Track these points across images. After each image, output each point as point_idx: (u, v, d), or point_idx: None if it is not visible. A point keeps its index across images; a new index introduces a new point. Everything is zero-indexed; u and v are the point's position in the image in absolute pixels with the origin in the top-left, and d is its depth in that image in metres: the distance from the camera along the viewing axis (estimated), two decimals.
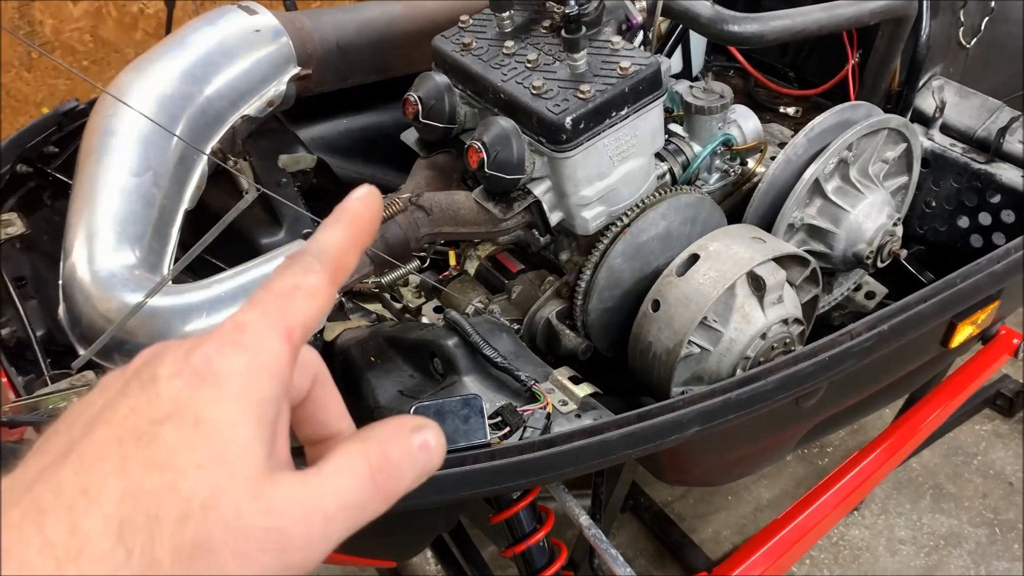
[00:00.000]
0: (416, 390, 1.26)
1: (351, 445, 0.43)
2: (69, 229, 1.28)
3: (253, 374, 0.40)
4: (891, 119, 1.47)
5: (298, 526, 0.39)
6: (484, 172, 1.27)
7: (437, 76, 1.40)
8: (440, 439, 0.45)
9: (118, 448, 0.37)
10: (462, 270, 1.52)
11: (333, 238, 0.46)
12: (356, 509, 0.41)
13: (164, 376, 0.39)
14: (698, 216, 1.40)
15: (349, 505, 0.41)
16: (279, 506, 0.38)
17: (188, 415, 0.38)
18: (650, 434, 1.05)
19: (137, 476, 0.36)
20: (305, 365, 0.48)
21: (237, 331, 0.41)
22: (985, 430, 2.63)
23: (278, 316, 0.42)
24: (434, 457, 0.44)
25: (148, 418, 0.38)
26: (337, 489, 0.41)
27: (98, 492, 0.36)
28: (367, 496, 0.42)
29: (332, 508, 0.40)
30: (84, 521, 0.36)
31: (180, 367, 0.39)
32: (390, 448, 0.43)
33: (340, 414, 0.50)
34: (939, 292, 1.27)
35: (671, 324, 1.26)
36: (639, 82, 1.27)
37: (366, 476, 0.42)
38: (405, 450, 0.43)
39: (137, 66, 1.42)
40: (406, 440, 0.43)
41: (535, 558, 1.26)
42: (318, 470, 0.41)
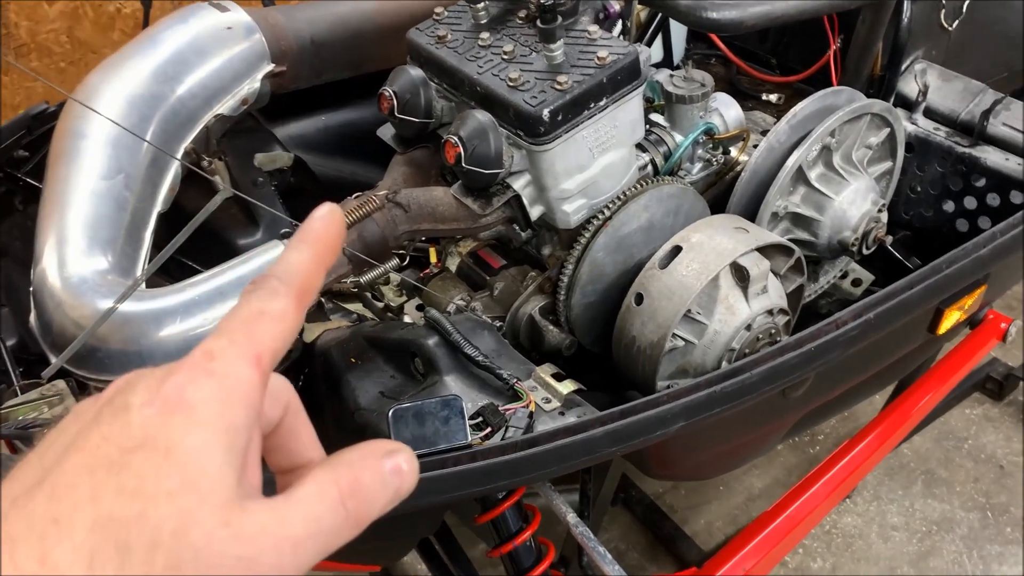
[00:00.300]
0: (397, 391, 1.24)
1: (321, 471, 0.43)
2: (39, 235, 1.25)
3: (223, 401, 0.40)
4: (874, 104, 1.45)
5: (268, 554, 0.39)
6: (462, 167, 1.25)
7: (412, 70, 1.38)
8: (413, 463, 0.45)
9: (89, 477, 0.38)
10: (443, 267, 1.50)
11: (297, 260, 0.46)
12: (327, 535, 0.41)
13: (136, 405, 0.40)
14: (681, 207, 1.38)
15: (319, 532, 0.41)
16: (249, 533, 0.39)
17: (159, 443, 0.38)
18: (634, 431, 1.03)
19: (108, 504, 0.37)
20: (277, 394, 0.48)
21: (206, 359, 0.41)
22: (975, 414, 2.63)
23: (246, 342, 0.42)
24: (407, 481, 0.44)
25: (119, 447, 0.38)
26: (307, 516, 0.41)
27: (69, 521, 0.36)
28: (338, 522, 0.42)
29: (302, 535, 0.40)
30: (55, 550, 0.36)
31: (152, 396, 0.40)
32: (361, 473, 0.43)
33: (311, 443, 0.50)
34: (925, 278, 1.25)
35: (655, 317, 1.24)
36: (617, 72, 1.25)
37: (336, 502, 0.42)
38: (376, 475, 0.43)
39: (107, 66, 1.39)
40: (377, 464, 0.44)
41: (522, 558, 1.25)
42: (288, 497, 0.41)
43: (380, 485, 0.43)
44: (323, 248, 0.47)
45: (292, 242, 0.47)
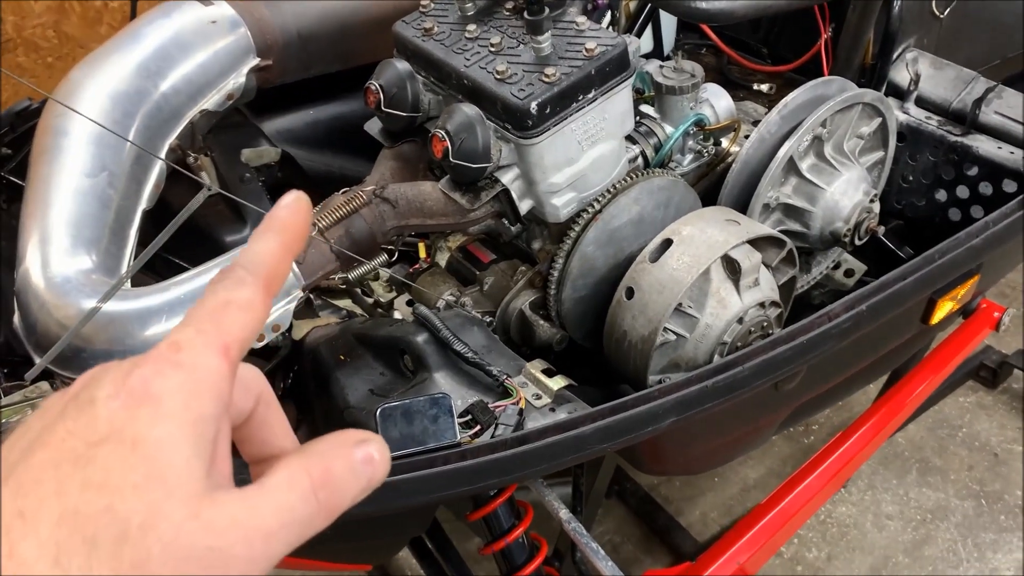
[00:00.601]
0: (387, 388, 1.23)
1: (293, 461, 0.43)
2: (22, 234, 1.23)
3: (191, 392, 0.40)
4: (865, 93, 1.44)
5: (238, 545, 0.39)
6: (449, 161, 1.24)
7: (399, 63, 1.36)
8: (384, 452, 0.45)
9: (55, 471, 0.37)
10: (433, 262, 1.49)
11: (264, 248, 0.46)
12: (298, 525, 0.41)
13: (102, 398, 0.39)
14: (671, 199, 1.37)
15: (291, 522, 0.41)
16: (218, 525, 0.39)
17: (126, 436, 0.38)
18: (626, 426, 1.02)
19: (74, 498, 0.36)
20: (248, 384, 0.48)
21: (173, 350, 0.41)
22: (969, 402, 2.63)
23: (213, 333, 0.42)
24: (378, 470, 0.44)
25: (85, 440, 0.38)
26: (278, 506, 0.41)
27: (35, 515, 0.36)
28: (309, 512, 0.42)
29: (273, 525, 0.40)
30: (20, 544, 0.36)
31: (117, 389, 0.39)
32: (332, 463, 0.43)
33: (284, 433, 0.50)
34: (917, 269, 1.24)
35: (645, 311, 1.23)
36: (606, 63, 1.24)
37: (308, 492, 0.42)
38: (348, 464, 0.43)
39: (89, 62, 1.37)
40: (348, 454, 0.44)
41: (515, 555, 1.24)
42: (259, 487, 0.41)
43: (351, 475, 0.43)
44: (290, 236, 0.47)
45: (258, 231, 0.47)
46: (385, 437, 0.97)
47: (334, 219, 1.23)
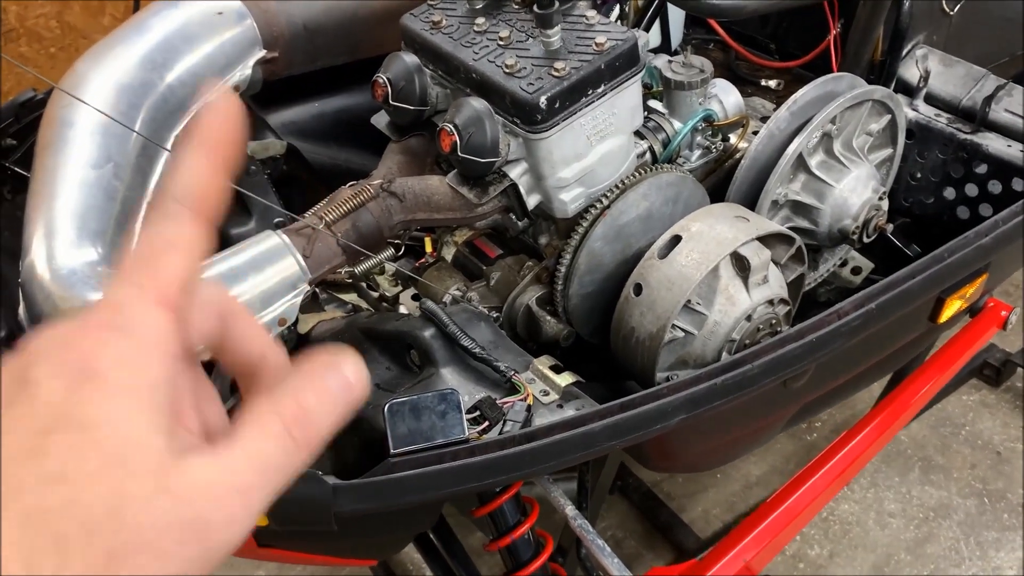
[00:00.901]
0: (393, 383, 1.22)
1: (260, 404, 0.41)
2: (28, 225, 1.23)
3: (136, 360, 0.38)
4: (875, 90, 1.43)
5: (214, 509, 0.37)
6: (457, 156, 1.23)
7: (406, 56, 1.35)
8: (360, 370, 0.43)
9: (12, 467, 0.35)
10: (439, 257, 1.48)
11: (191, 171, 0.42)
12: (276, 471, 0.39)
13: (44, 378, 0.37)
14: (680, 195, 1.36)
15: (267, 469, 0.39)
16: (189, 493, 0.37)
17: (74, 421, 0.36)
18: (634, 424, 1.02)
19: (35, 495, 0.34)
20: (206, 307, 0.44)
21: (112, 313, 0.39)
22: (972, 400, 2.62)
23: (151, 284, 0.40)
24: (355, 391, 0.42)
25: (33, 430, 0.36)
26: (251, 456, 0.39)
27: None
28: (287, 455, 0.40)
29: (249, 478, 0.38)
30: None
31: (58, 367, 0.37)
32: (304, 396, 0.41)
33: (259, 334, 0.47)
34: (926, 268, 1.24)
35: (654, 308, 1.23)
36: (616, 58, 1.23)
37: (281, 434, 0.40)
38: (322, 394, 0.41)
39: (94, 53, 1.36)
40: (321, 383, 0.41)
41: (520, 551, 1.24)
42: (229, 440, 0.39)
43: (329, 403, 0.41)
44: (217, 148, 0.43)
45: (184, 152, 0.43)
46: (393, 433, 0.97)
47: (341, 212, 1.22)
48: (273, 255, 1.16)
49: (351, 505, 0.94)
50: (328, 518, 0.93)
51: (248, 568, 2.22)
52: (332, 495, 0.93)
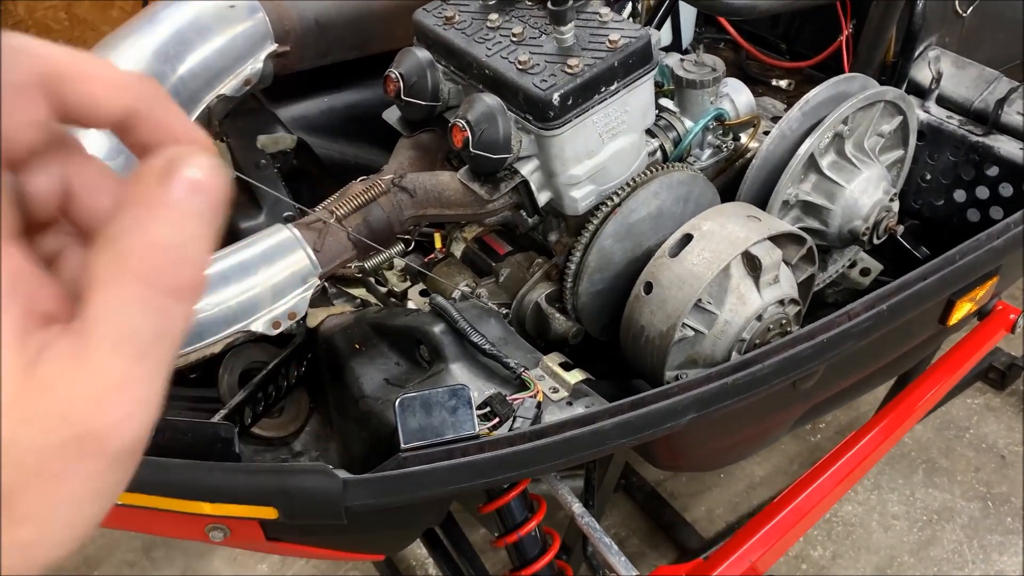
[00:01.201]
0: (402, 378, 1.22)
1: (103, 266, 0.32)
2: None
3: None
4: (887, 91, 1.43)
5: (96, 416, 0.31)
6: (469, 152, 1.23)
7: (419, 52, 1.35)
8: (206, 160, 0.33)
9: None
10: (448, 253, 1.48)
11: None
12: (153, 341, 0.32)
13: None
14: (691, 194, 1.36)
15: (141, 344, 0.32)
16: (59, 407, 0.31)
17: None
18: (645, 422, 1.02)
19: None
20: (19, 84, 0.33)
21: None
22: (977, 403, 2.62)
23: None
24: (212, 191, 0.33)
25: None
26: (116, 338, 0.31)
27: None
28: (160, 314, 0.32)
29: (123, 368, 0.32)
30: None
31: None
32: (153, 232, 0.32)
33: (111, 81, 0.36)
34: (938, 270, 1.24)
35: (664, 307, 1.23)
36: (629, 56, 1.23)
37: (141, 294, 0.32)
38: (172, 215, 0.32)
39: (107, 44, 1.36)
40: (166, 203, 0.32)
41: (527, 548, 1.24)
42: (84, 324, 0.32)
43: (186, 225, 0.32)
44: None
45: None
46: (404, 428, 0.97)
47: (352, 207, 1.22)
48: (284, 248, 1.16)
49: (361, 499, 0.94)
50: (338, 512, 0.93)
51: (251, 562, 2.23)
52: (343, 489, 0.93)
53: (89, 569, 2.24)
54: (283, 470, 0.94)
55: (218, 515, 0.97)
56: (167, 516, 0.97)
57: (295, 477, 0.94)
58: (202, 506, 0.94)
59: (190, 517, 0.97)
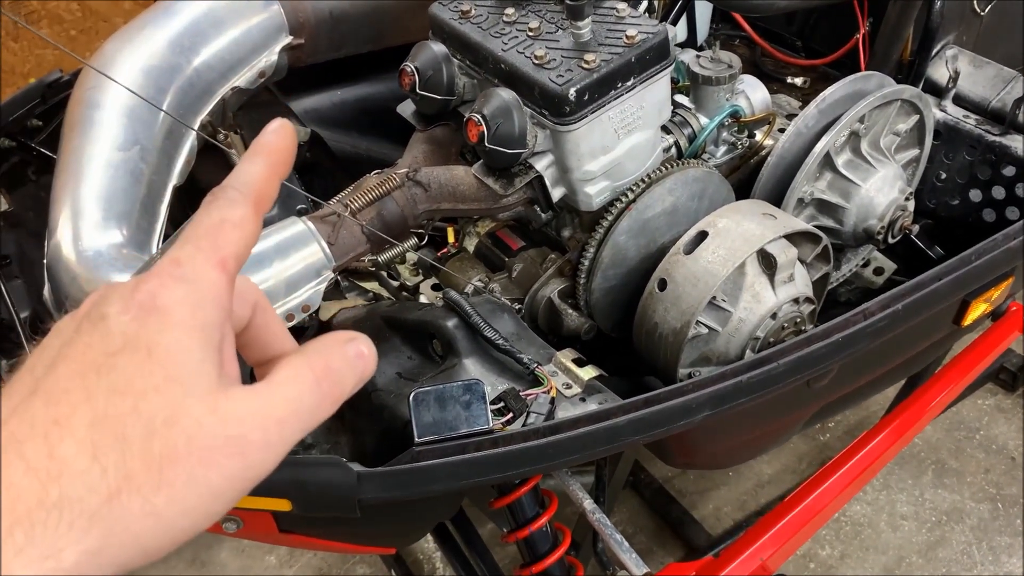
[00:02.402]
0: (415, 372, 1.22)
1: (296, 358, 0.47)
2: (54, 206, 1.23)
3: (195, 302, 0.44)
4: (904, 90, 1.42)
5: (255, 431, 0.43)
6: (484, 146, 1.22)
7: (434, 45, 1.35)
8: (371, 348, 0.50)
9: (80, 381, 0.41)
10: (461, 247, 1.48)
11: (253, 170, 0.50)
12: (306, 412, 0.46)
13: (113, 313, 0.42)
14: (706, 191, 1.36)
15: (299, 409, 0.45)
16: (235, 416, 0.42)
17: (140, 344, 0.41)
18: (659, 419, 1.01)
19: (102, 403, 0.40)
20: (243, 295, 0.51)
21: (175, 266, 0.44)
22: (987, 405, 2.61)
23: (211, 249, 0.45)
24: (369, 364, 0.49)
25: (103, 351, 0.41)
26: (287, 396, 0.45)
27: (68, 421, 0.39)
28: (316, 401, 0.46)
29: (284, 413, 0.44)
30: (60, 446, 0.39)
31: (127, 304, 0.43)
32: (330, 358, 0.48)
33: (282, 335, 0.54)
34: (954, 270, 1.23)
35: (678, 304, 1.22)
36: (646, 51, 1.22)
37: (312, 383, 0.46)
38: (343, 358, 0.48)
39: (123, 35, 1.36)
40: (343, 350, 0.48)
41: (538, 544, 1.23)
42: (268, 382, 0.45)
43: (348, 367, 0.48)
44: (277, 159, 0.50)
45: (246, 156, 0.50)
46: (418, 422, 0.97)
47: (366, 201, 1.22)
48: (298, 241, 1.16)
49: (375, 493, 0.94)
50: (352, 505, 0.93)
51: (258, 553, 2.23)
52: (356, 482, 0.93)
53: None
54: (297, 463, 0.94)
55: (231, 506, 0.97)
56: None
57: (309, 469, 0.94)
58: None
59: None
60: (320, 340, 0.49)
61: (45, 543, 0.37)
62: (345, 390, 0.48)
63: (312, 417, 0.46)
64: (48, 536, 0.37)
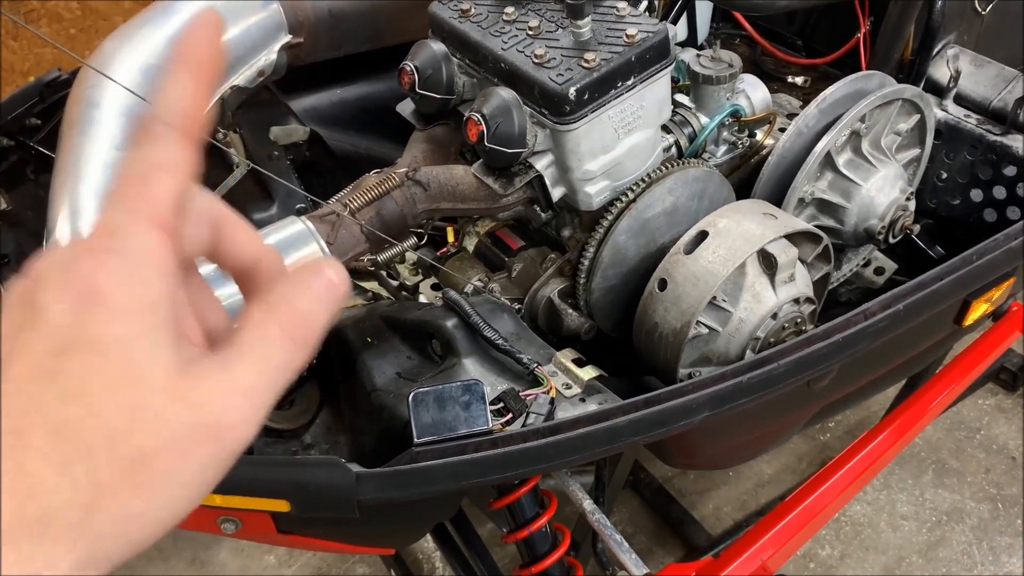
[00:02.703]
0: (415, 372, 1.22)
1: (257, 312, 0.43)
2: (52, 205, 1.22)
3: (136, 279, 0.40)
4: (906, 89, 1.42)
5: (225, 412, 0.40)
6: (484, 146, 1.22)
7: (434, 44, 1.35)
8: (340, 270, 0.45)
9: (31, 387, 0.38)
10: (460, 247, 1.47)
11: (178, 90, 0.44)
12: (279, 371, 0.43)
13: (50, 303, 0.39)
14: (706, 191, 1.35)
15: (271, 370, 0.42)
16: (200, 400, 0.39)
17: (83, 342, 0.38)
18: (659, 420, 1.01)
19: (57, 411, 0.37)
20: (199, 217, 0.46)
21: (107, 237, 0.40)
22: (988, 404, 2.60)
23: (143, 207, 0.41)
24: (339, 289, 0.45)
25: (47, 352, 0.38)
26: (255, 359, 0.42)
27: (27, 433, 0.37)
28: (286, 356, 0.43)
29: (254, 381, 0.41)
30: (25, 460, 0.36)
31: (62, 290, 0.39)
32: (295, 300, 0.44)
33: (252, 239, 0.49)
34: (955, 270, 1.23)
35: (678, 304, 1.22)
36: (646, 50, 1.22)
37: (279, 337, 0.43)
38: (312, 297, 0.44)
39: (121, 34, 1.36)
40: (310, 287, 0.44)
41: (537, 544, 1.23)
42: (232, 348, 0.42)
43: (318, 304, 0.44)
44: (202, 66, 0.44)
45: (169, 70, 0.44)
46: (417, 422, 0.96)
47: (366, 200, 1.22)
48: (297, 241, 1.15)
49: (374, 493, 0.93)
50: (351, 506, 0.93)
51: (257, 553, 2.23)
52: (355, 483, 0.92)
53: None
54: (296, 463, 0.93)
55: (230, 507, 0.97)
56: None
57: (308, 470, 0.94)
58: (214, 498, 0.94)
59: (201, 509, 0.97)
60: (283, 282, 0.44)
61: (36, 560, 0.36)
62: (318, 330, 0.44)
63: (286, 374, 0.43)
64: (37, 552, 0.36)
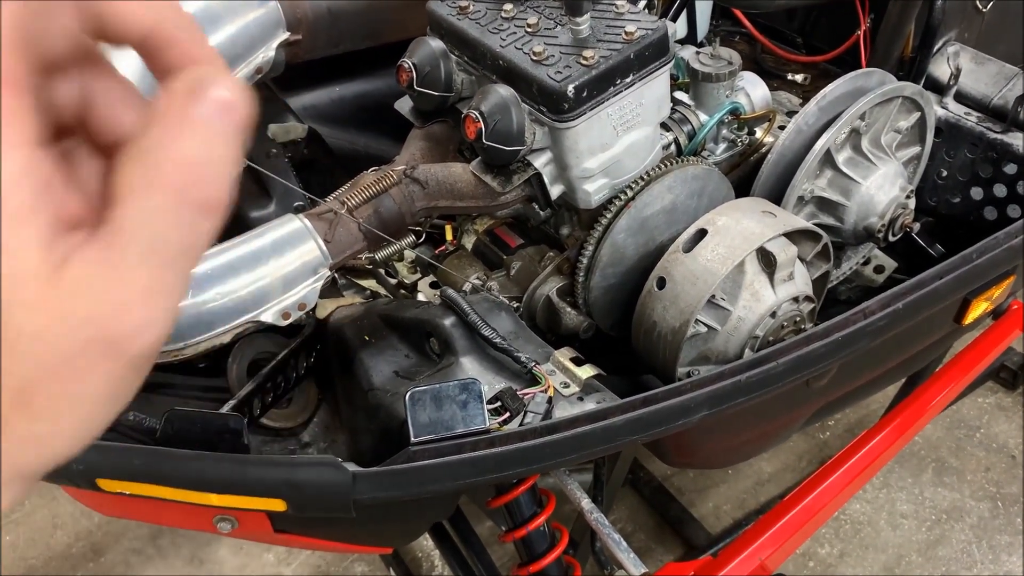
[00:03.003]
0: (412, 371, 1.21)
1: (135, 176, 0.33)
2: None
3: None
4: (906, 87, 1.41)
5: (118, 321, 0.33)
6: (482, 143, 1.21)
7: (432, 41, 1.34)
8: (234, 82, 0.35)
9: None
10: (459, 245, 1.47)
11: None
12: (179, 251, 0.34)
13: None
14: (705, 189, 1.35)
15: (167, 256, 0.33)
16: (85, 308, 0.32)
17: None
18: (657, 419, 1.01)
19: None
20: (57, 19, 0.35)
21: None
22: (988, 403, 2.60)
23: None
24: (238, 109, 0.34)
25: None
26: (143, 246, 0.33)
27: None
28: (184, 229, 0.33)
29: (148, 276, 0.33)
30: None
31: None
32: (181, 147, 0.33)
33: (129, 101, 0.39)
34: (954, 268, 1.22)
35: (677, 302, 1.21)
36: (645, 48, 1.21)
37: (169, 206, 0.33)
38: (200, 133, 0.34)
39: None
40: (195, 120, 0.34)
41: (535, 543, 1.23)
42: (113, 230, 0.33)
43: (214, 142, 0.34)
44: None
45: None
46: (414, 421, 0.96)
47: (364, 198, 1.21)
48: (295, 239, 1.15)
49: (371, 493, 0.93)
50: (347, 505, 0.93)
51: (256, 551, 2.23)
52: (352, 482, 0.92)
53: (96, 556, 2.25)
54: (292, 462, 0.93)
55: (226, 506, 0.96)
56: (175, 507, 0.96)
57: (304, 470, 0.93)
58: (210, 497, 0.94)
59: (198, 508, 0.97)
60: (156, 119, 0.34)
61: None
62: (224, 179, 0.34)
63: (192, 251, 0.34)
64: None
